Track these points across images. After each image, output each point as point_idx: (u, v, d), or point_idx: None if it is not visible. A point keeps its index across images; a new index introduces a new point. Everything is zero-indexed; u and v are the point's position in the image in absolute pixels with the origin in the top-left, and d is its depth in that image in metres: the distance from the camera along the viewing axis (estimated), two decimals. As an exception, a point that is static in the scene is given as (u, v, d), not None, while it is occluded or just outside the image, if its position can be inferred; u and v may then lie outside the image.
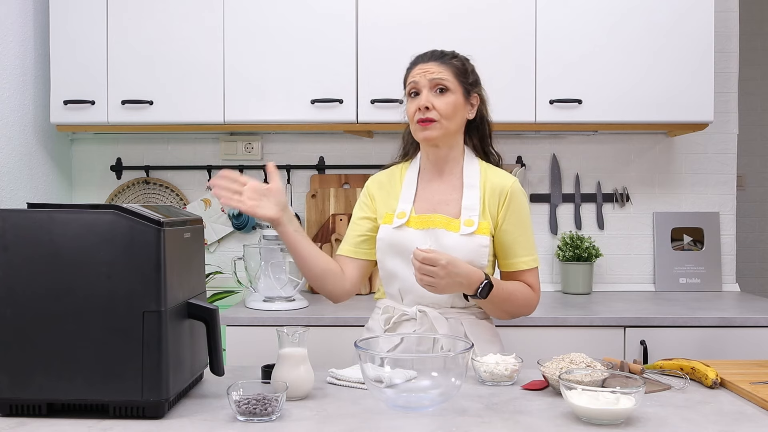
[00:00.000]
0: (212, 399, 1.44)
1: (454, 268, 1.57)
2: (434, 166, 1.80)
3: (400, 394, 1.35)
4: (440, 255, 1.57)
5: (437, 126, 1.71)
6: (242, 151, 3.04)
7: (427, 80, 1.72)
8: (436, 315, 1.72)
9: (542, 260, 3.02)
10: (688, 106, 2.64)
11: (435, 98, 1.71)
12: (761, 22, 4.12)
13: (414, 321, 1.73)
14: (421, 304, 1.73)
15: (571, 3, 2.66)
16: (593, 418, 1.27)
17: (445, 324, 1.71)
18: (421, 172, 1.82)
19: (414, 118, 1.73)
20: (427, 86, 1.72)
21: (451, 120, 1.73)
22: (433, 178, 1.80)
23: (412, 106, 1.74)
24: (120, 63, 2.70)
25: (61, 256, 1.30)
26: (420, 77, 1.73)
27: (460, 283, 1.61)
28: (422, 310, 1.72)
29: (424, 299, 1.73)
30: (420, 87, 1.73)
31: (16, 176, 2.67)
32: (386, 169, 1.89)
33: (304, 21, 2.68)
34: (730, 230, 3.04)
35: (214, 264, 3.00)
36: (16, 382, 1.31)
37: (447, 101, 1.72)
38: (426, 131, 1.72)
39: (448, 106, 1.71)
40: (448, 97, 1.72)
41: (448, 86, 1.72)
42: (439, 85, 1.72)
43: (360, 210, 1.84)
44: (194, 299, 1.46)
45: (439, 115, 1.71)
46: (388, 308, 1.77)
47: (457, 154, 1.80)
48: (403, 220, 1.74)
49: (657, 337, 2.35)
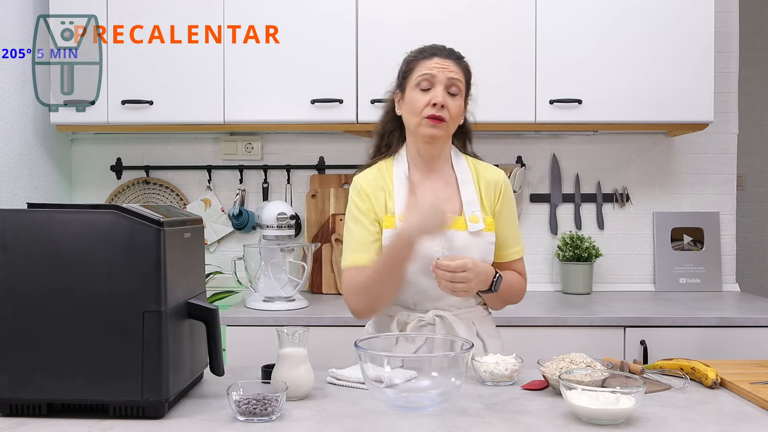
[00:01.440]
0: (212, 399, 1.44)
1: (477, 268, 1.60)
2: (426, 162, 1.76)
3: (400, 394, 1.35)
4: (464, 259, 1.58)
5: (445, 127, 1.69)
6: (242, 151, 3.04)
7: (446, 77, 1.67)
8: (454, 318, 1.71)
9: (542, 260, 3.02)
10: (688, 106, 2.64)
11: (448, 98, 1.68)
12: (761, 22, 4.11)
13: (432, 326, 1.71)
14: (437, 309, 1.71)
15: (571, 3, 2.66)
16: (593, 418, 1.27)
17: (462, 325, 1.71)
18: (410, 168, 1.77)
19: (423, 113, 1.67)
20: (444, 83, 1.67)
21: (455, 123, 1.72)
22: (424, 175, 1.77)
23: (423, 99, 1.67)
24: (120, 63, 2.70)
25: (61, 256, 1.30)
26: (439, 72, 1.68)
27: (483, 281, 1.62)
28: (439, 314, 1.71)
29: (438, 303, 1.71)
30: (436, 82, 1.67)
31: (16, 176, 2.67)
32: (373, 167, 1.80)
33: (304, 21, 2.68)
34: (730, 230, 3.04)
35: (214, 264, 3.00)
36: (16, 382, 1.31)
37: (458, 104, 1.70)
38: (435, 129, 1.68)
39: (458, 110, 1.70)
40: (458, 100, 1.70)
41: (461, 89, 1.71)
42: (454, 86, 1.69)
43: (363, 215, 1.73)
44: (194, 299, 1.46)
45: (449, 116, 1.68)
46: (402, 315, 1.73)
47: (446, 154, 1.79)
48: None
49: (657, 337, 2.35)
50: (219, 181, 3.07)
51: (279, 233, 2.64)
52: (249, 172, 3.07)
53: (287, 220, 2.64)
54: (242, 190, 3.04)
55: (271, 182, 3.07)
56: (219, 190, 3.07)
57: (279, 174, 3.07)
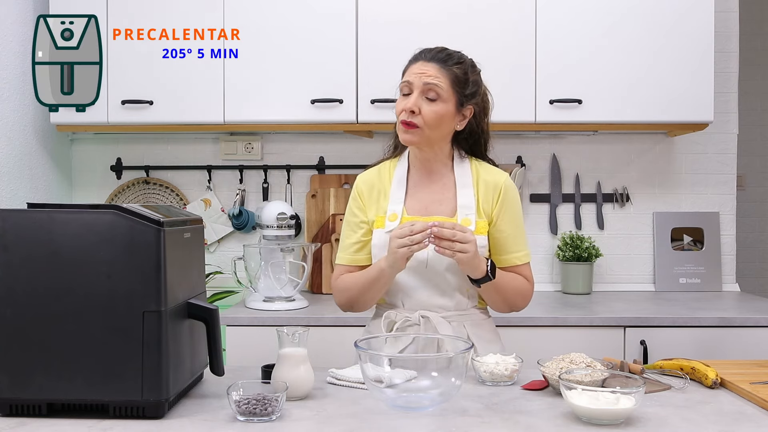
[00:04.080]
0: (212, 399, 1.44)
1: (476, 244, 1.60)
2: (423, 165, 1.77)
3: (400, 394, 1.35)
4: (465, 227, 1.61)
5: (418, 133, 1.67)
6: (242, 151, 3.04)
7: (421, 83, 1.66)
8: (439, 319, 1.70)
9: (542, 260, 3.02)
10: (688, 106, 2.64)
11: (424, 104, 1.66)
12: (761, 22, 4.11)
13: (417, 326, 1.71)
14: (424, 309, 1.72)
15: (571, 3, 2.66)
16: (593, 418, 1.27)
17: (448, 327, 1.70)
18: (410, 170, 1.79)
19: (400, 117, 1.69)
20: (420, 89, 1.66)
21: (434, 129, 1.68)
22: (423, 177, 1.77)
23: (400, 105, 1.69)
24: (120, 63, 2.70)
25: (61, 256, 1.30)
26: (415, 78, 1.67)
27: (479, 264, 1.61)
28: (425, 315, 1.71)
29: (424, 304, 1.72)
30: (412, 88, 1.67)
31: (16, 176, 2.67)
32: (375, 167, 1.84)
33: (304, 21, 2.68)
34: (730, 230, 3.04)
35: (214, 264, 3.00)
36: (16, 382, 1.31)
37: (435, 110, 1.66)
38: (406, 134, 1.69)
39: (434, 116, 1.66)
40: (437, 105, 1.66)
41: (441, 94, 1.66)
42: (431, 90, 1.66)
43: (352, 215, 1.80)
44: (194, 299, 1.46)
45: (423, 121, 1.66)
46: (390, 314, 1.75)
47: (444, 157, 1.77)
48: (395, 222, 1.71)
49: (657, 337, 2.35)
50: (219, 181, 3.07)
51: (279, 233, 2.64)
52: (249, 172, 3.07)
53: (287, 220, 2.64)
54: (242, 190, 3.04)
55: (271, 182, 3.07)
56: (219, 190, 3.07)
57: (279, 174, 3.07)
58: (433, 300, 1.72)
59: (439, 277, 1.70)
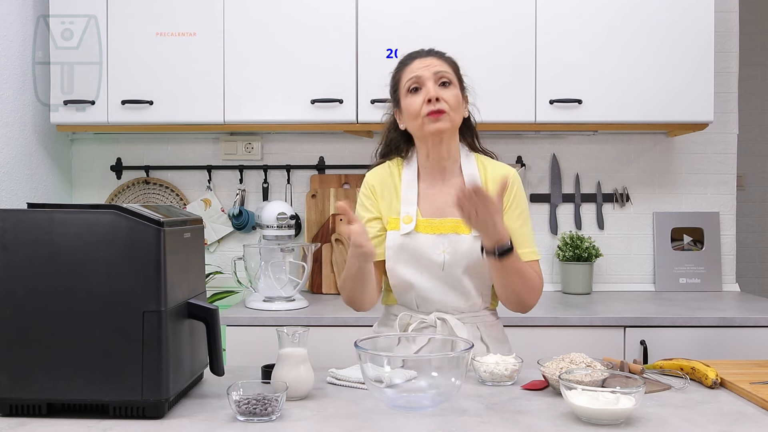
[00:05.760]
0: (212, 399, 1.44)
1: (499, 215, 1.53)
2: (435, 164, 1.75)
3: (400, 394, 1.35)
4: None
5: (447, 117, 1.67)
6: (242, 151, 3.04)
7: (431, 73, 1.68)
8: (456, 322, 1.69)
9: (542, 260, 2.98)
10: (688, 106, 2.64)
11: (441, 90, 1.68)
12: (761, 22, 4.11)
13: (433, 328, 1.70)
14: (440, 311, 1.71)
15: (571, 3, 2.66)
16: (593, 418, 1.27)
17: (464, 329, 1.69)
18: (420, 172, 1.78)
19: (422, 112, 1.67)
20: (432, 79, 1.68)
21: (457, 112, 1.70)
22: (435, 179, 1.76)
23: (417, 100, 1.68)
24: (120, 63, 2.70)
25: (61, 256, 1.30)
26: (423, 71, 1.69)
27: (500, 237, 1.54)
28: (441, 317, 1.70)
29: (439, 305, 1.71)
30: (424, 80, 1.68)
31: (16, 176, 2.67)
32: (383, 164, 1.82)
33: (304, 21, 2.68)
34: (730, 230, 3.04)
35: (214, 264, 3.00)
36: (16, 382, 1.31)
37: (453, 93, 1.69)
38: (438, 123, 1.66)
39: (454, 99, 1.68)
40: (452, 89, 1.69)
41: (451, 79, 1.70)
42: (443, 78, 1.69)
43: (365, 211, 1.77)
44: (194, 299, 1.46)
45: (448, 106, 1.67)
46: (404, 316, 1.73)
47: (455, 152, 1.77)
48: (410, 225, 1.69)
49: (657, 337, 2.35)
50: (219, 181, 3.07)
51: (279, 233, 2.64)
52: (249, 172, 3.07)
53: (287, 220, 2.64)
54: (242, 190, 3.04)
55: (271, 182, 3.07)
56: (219, 190, 3.07)
57: (279, 174, 3.07)
58: (448, 301, 1.70)
59: (454, 278, 1.69)
